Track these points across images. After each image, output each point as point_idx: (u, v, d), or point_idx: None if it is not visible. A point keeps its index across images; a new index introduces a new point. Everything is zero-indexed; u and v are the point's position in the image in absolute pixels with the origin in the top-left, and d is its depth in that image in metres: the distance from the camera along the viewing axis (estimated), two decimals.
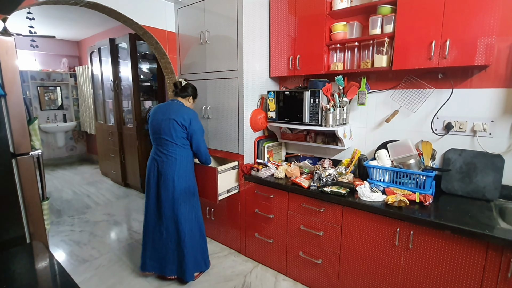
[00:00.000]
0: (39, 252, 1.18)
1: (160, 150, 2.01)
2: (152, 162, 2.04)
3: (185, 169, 2.03)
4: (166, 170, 1.98)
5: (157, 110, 2.05)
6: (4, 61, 1.37)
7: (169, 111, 1.99)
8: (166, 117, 1.97)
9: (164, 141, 1.99)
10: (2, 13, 1.23)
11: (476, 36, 1.48)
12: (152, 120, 2.03)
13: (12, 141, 1.42)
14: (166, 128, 1.96)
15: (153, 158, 2.04)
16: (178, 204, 1.99)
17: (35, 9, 3.42)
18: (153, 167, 2.03)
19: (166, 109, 2.02)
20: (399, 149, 1.87)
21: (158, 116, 2.01)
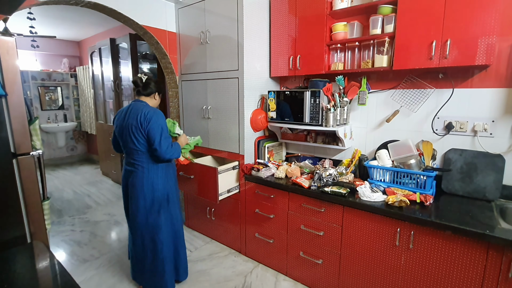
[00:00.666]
0: (40, 252, 1.18)
1: (128, 160, 1.85)
2: (124, 172, 1.90)
3: (157, 177, 1.84)
4: (134, 181, 1.81)
5: (118, 116, 1.87)
6: (5, 61, 1.37)
7: (128, 116, 1.79)
8: (126, 123, 1.79)
9: (130, 150, 1.81)
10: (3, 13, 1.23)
11: (477, 36, 1.47)
12: (116, 127, 1.87)
13: (13, 141, 1.42)
14: (128, 136, 1.78)
15: (124, 168, 1.89)
16: (150, 215, 1.83)
17: (36, 9, 3.43)
18: (124, 176, 1.89)
19: (126, 113, 1.82)
20: (399, 149, 1.86)
21: (119, 122, 1.84)
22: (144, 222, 1.84)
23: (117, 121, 1.87)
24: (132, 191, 1.83)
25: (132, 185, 1.83)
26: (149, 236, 1.86)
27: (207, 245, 2.62)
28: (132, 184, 1.83)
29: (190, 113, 2.67)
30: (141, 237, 1.87)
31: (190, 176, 2.34)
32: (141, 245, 1.88)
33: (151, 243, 1.87)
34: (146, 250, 1.88)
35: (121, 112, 1.88)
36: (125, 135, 1.80)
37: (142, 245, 1.88)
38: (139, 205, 1.82)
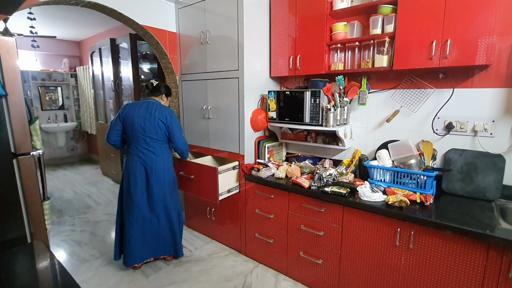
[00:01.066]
0: (40, 252, 1.18)
1: (146, 148, 2.09)
2: (136, 160, 2.09)
3: (170, 162, 2.22)
4: (156, 166, 2.10)
5: (135, 109, 2.09)
6: (5, 61, 1.37)
7: (151, 110, 2.08)
8: (150, 116, 2.06)
9: (149, 139, 2.07)
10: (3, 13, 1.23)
11: (477, 36, 1.47)
12: (133, 118, 2.07)
13: (13, 141, 1.42)
14: (152, 127, 2.06)
15: (137, 156, 2.09)
16: (167, 194, 2.18)
17: (36, 9, 3.43)
18: (138, 165, 2.09)
19: (147, 108, 2.10)
20: (399, 149, 1.86)
21: (140, 114, 2.07)
22: (163, 200, 2.16)
23: (132, 112, 2.09)
24: (155, 176, 2.10)
25: (155, 170, 2.10)
26: (165, 212, 2.19)
27: (207, 245, 2.62)
28: (154, 169, 2.10)
29: (190, 113, 2.67)
30: (157, 215, 2.17)
31: (190, 176, 2.34)
32: (156, 221, 2.18)
33: (166, 218, 2.20)
34: (162, 224, 2.20)
35: (135, 105, 2.12)
36: (148, 126, 2.06)
37: (158, 221, 2.18)
38: (161, 187, 2.14)
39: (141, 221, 2.12)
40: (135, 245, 2.13)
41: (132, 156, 2.10)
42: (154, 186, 2.10)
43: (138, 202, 2.10)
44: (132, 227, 2.11)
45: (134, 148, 2.10)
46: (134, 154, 2.10)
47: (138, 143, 2.09)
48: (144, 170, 2.09)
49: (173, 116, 2.14)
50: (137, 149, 2.09)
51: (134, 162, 2.09)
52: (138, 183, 2.09)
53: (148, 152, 2.09)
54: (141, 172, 2.09)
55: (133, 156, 2.10)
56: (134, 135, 2.08)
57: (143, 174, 2.10)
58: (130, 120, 2.08)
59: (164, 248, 2.26)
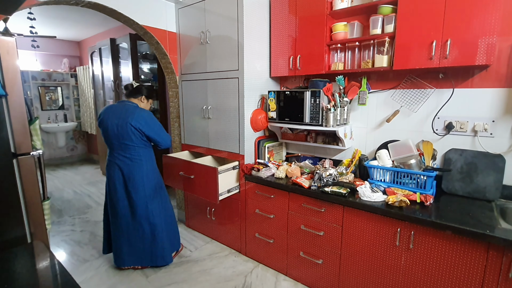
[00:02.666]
0: (40, 252, 1.18)
1: (122, 155, 2.02)
2: (113, 167, 2.04)
3: (152, 167, 2.15)
4: (134, 173, 2.03)
5: (110, 114, 2.01)
6: (5, 61, 1.37)
7: (125, 115, 1.98)
8: (123, 122, 1.97)
9: (125, 146, 2.01)
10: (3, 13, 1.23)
11: (477, 36, 1.47)
12: (107, 124, 2.00)
13: (13, 141, 1.42)
14: (125, 134, 1.97)
15: (114, 163, 2.04)
16: (149, 202, 2.11)
17: (36, 9, 3.43)
18: (116, 171, 2.03)
19: (121, 112, 2.00)
20: (399, 149, 1.86)
21: (113, 120, 1.99)
22: (144, 209, 2.09)
23: (106, 118, 2.01)
24: (132, 184, 2.04)
25: (132, 178, 2.03)
26: (148, 221, 2.12)
27: (207, 245, 2.62)
28: (131, 177, 2.03)
29: (190, 113, 2.67)
30: (141, 223, 2.10)
31: (190, 176, 2.34)
32: (141, 230, 2.11)
33: (149, 227, 2.13)
34: (146, 234, 2.13)
35: (109, 111, 2.03)
36: (121, 133, 1.97)
37: (142, 230, 2.12)
38: (140, 195, 2.06)
39: (125, 226, 2.10)
40: (121, 249, 2.12)
41: (111, 163, 2.06)
42: (133, 194, 2.05)
43: (120, 209, 2.07)
44: (117, 230, 2.11)
45: (112, 154, 2.06)
46: (112, 161, 2.06)
47: (114, 150, 2.04)
48: (122, 177, 2.04)
49: (149, 119, 2.04)
50: (114, 156, 2.05)
51: (112, 169, 2.05)
52: (118, 190, 2.06)
53: (125, 158, 2.03)
54: (119, 179, 2.04)
55: (111, 163, 2.06)
56: (109, 142, 2.04)
57: (121, 181, 2.05)
58: (105, 127, 2.01)
59: (149, 259, 2.20)
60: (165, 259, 2.23)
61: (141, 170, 2.06)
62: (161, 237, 2.17)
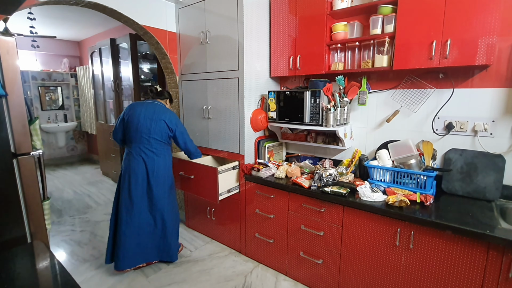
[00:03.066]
0: (40, 252, 1.18)
1: (148, 148, 2.09)
2: (136, 159, 2.08)
3: (171, 165, 2.25)
4: (158, 167, 2.11)
5: (142, 109, 2.11)
6: (5, 61, 1.37)
7: (157, 112, 2.10)
8: (156, 117, 2.08)
9: (153, 140, 2.08)
10: (3, 13, 1.23)
11: (477, 36, 1.47)
12: (139, 117, 2.07)
13: (13, 141, 1.42)
14: (157, 128, 2.07)
15: (139, 155, 2.08)
16: (166, 197, 2.18)
17: (36, 9, 3.43)
18: (140, 164, 2.08)
19: (153, 109, 2.12)
20: (399, 149, 1.86)
21: (146, 114, 2.08)
22: (161, 203, 2.15)
23: (138, 112, 2.09)
24: (155, 177, 2.11)
25: (155, 172, 2.10)
26: (162, 216, 2.18)
27: (207, 245, 2.62)
28: (155, 170, 2.10)
29: (190, 113, 2.67)
30: (155, 218, 2.17)
31: (190, 176, 2.34)
32: (153, 224, 2.17)
33: (161, 222, 2.19)
34: (157, 229, 2.19)
35: (141, 105, 2.13)
36: (153, 127, 2.07)
37: (154, 225, 2.18)
38: (160, 189, 2.13)
39: (137, 221, 2.10)
40: (129, 248, 2.10)
41: (134, 156, 2.09)
42: (154, 187, 2.11)
43: (137, 202, 2.09)
44: (128, 228, 2.08)
45: (136, 148, 2.09)
46: (135, 154, 2.09)
47: (141, 143, 2.08)
48: (145, 171, 2.09)
49: (178, 120, 2.19)
50: (140, 149, 2.08)
51: (135, 162, 2.08)
52: (139, 183, 2.08)
53: (151, 153, 2.09)
54: (142, 172, 2.08)
55: (135, 156, 2.09)
56: (137, 135, 2.08)
57: (145, 174, 2.09)
58: (135, 120, 2.07)
59: (157, 253, 2.24)
60: (172, 256, 2.28)
61: (165, 165, 2.15)
62: (170, 234, 2.23)
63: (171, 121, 2.11)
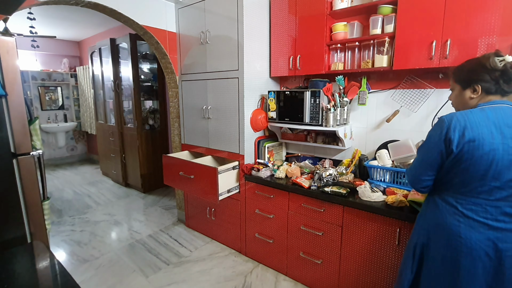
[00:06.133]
0: (40, 252, 1.18)
1: (503, 211, 1.02)
2: (478, 230, 1.04)
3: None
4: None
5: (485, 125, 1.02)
6: (5, 61, 1.37)
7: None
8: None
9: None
10: (3, 13, 1.23)
11: (477, 36, 1.48)
12: (494, 151, 0.99)
13: (13, 141, 1.42)
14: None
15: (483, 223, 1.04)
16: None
17: (36, 9, 3.43)
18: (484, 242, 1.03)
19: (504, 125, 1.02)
20: (399, 149, 1.86)
21: (495, 139, 1.00)
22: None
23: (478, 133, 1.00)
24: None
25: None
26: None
27: (207, 245, 2.62)
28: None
29: (190, 113, 2.67)
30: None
31: (190, 176, 2.34)
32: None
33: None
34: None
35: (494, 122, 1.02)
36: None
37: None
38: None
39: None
40: None
41: (471, 223, 1.05)
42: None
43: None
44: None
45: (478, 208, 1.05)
46: (475, 219, 1.04)
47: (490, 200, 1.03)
48: (494, 255, 1.03)
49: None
50: (487, 211, 1.04)
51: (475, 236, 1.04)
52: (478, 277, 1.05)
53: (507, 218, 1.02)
54: (485, 260, 1.04)
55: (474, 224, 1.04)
56: (488, 184, 1.02)
57: (489, 262, 1.04)
58: (489, 153, 0.99)
59: None
60: None
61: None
62: None
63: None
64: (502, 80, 1.07)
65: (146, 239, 2.74)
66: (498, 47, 1.58)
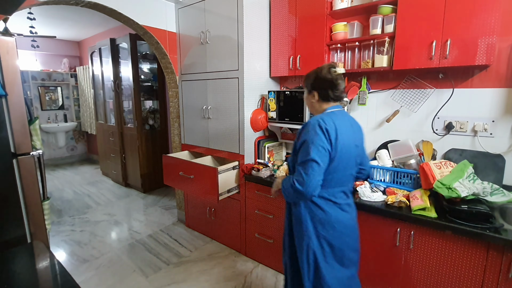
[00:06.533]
0: (40, 252, 1.18)
1: (346, 193, 1.33)
2: (349, 212, 1.32)
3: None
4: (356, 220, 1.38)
5: (349, 131, 1.28)
6: (5, 61, 1.37)
7: (356, 132, 1.33)
8: (357, 143, 1.33)
9: (349, 177, 1.34)
10: (3, 13, 1.23)
11: (477, 36, 1.47)
12: (349, 147, 1.26)
13: (13, 141, 1.42)
14: (353, 158, 1.30)
15: (348, 205, 1.33)
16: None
17: (36, 9, 3.43)
18: (353, 221, 1.34)
19: (351, 128, 1.31)
20: (399, 149, 1.86)
21: (348, 138, 1.26)
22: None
23: (347, 138, 1.25)
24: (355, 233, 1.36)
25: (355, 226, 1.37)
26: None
27: (207, 245, 2.62)
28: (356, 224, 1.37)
29: (190, 113, 2.67)
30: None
31: (190, 176, 2.33)
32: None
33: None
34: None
35: (343, 124, 1.26)
36: (352, 157, 1.29)
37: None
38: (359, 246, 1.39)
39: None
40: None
41: (339, 206, 1.29)
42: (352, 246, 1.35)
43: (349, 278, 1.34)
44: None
45: (341, 195, 1.31)
46: (343, 204, 1.30)
47: (347, 185, 1.33)
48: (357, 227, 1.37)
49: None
50: (347, 196, 1.34)
51: (348, 217, 1.31)
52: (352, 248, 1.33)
53: (349, 197, 1.36)
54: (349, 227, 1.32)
55: (341, 207, 1.29)
56: (346, 174, 1.30)
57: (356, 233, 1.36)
58: (347, 150, 1.25)
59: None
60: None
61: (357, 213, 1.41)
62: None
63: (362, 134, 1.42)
64: (331, 89, 1.28)
65: (146, 239, 2.74)
66: (498, 47, 1.59)
